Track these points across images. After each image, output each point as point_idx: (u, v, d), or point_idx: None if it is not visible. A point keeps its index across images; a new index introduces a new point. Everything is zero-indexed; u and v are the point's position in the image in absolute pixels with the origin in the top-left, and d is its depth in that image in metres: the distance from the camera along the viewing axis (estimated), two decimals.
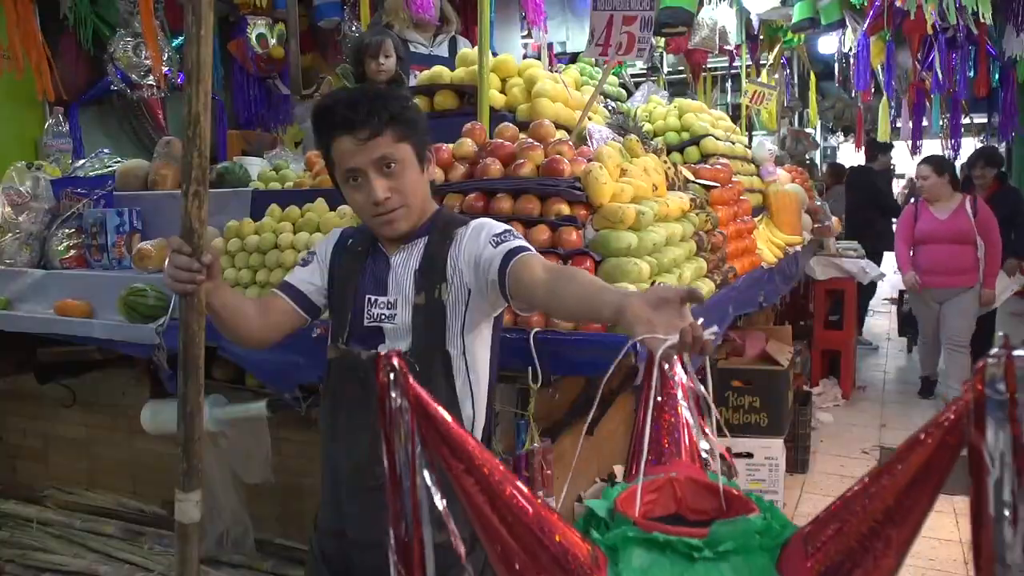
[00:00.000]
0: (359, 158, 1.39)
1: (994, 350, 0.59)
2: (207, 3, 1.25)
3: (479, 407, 1.48)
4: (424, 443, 0.70)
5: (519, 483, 0.74)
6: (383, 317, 1.45)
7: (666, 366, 0.98)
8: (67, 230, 2.85)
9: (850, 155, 9.81)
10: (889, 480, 0.67)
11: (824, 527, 0.72)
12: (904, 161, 7.23)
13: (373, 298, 1.47)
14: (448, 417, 0.71)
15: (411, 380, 0.69)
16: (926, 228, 4.70)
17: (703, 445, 0.98)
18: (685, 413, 0.98)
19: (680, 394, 0.98)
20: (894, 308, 6.75)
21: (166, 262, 1.33)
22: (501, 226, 1.47)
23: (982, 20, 4.50)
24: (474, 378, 1.46)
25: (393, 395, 0.69)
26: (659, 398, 0.99)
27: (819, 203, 5.04)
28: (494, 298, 1.43)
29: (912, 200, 5.00)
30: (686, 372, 0.98)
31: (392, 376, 0.69)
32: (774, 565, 0.76)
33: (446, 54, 3.57)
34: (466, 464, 0.72)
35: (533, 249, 1.42)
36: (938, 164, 4.74)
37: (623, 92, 3.80)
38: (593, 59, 3.53)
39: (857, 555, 0.68)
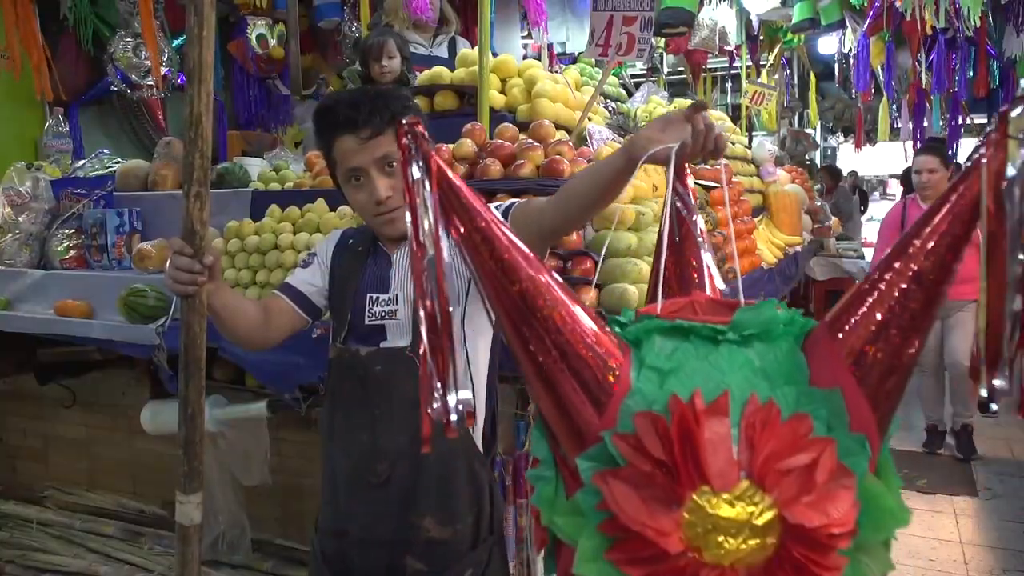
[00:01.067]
0: (361, 157, 1.39)
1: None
2: (209, 4, 1.24)
3: (478, 402, 1.46)
4: (443, 210, 0.70)
5: (542, 269, 0.73)
6: (385, 314, 1.45)
7: (683, 209, 0.98)
8: (67, 230, 2.85)
9: (850, 156, 9.81)
10: (915, 245, 0.68)
11: (851, 307, 0.72)
12: (900, 163, 7.23)
13: (375, 296, 1.47)
14: (466, 187, 0.71)
15: (429, 147, 0.69)
16: None
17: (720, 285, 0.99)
18: (706, 257, 0.97)
19: (700, 237, 0.98)
20: None
21: (167, 263, 1.32)
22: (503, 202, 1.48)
23: (972, 22, 4.48)
24: (474, 373, 1.45)
25: (413, 162, 0.68)
26: (678, 239, 0.99)
27: (819, 203, 5.04)
28: None
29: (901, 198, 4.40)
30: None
31: (411, 142, 0.68)
32: (799, 349, 0.76)
33: (446, 55, 3.57)
34: (482, 235, 0.71)
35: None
36: (943, 154, 4.16)
37: (623, 93, 3.80)
38: (593, 59, 3.53)
39: (887, 328, 0.69)
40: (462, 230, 0.71)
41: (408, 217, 0.68)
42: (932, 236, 0.67)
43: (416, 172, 0.68)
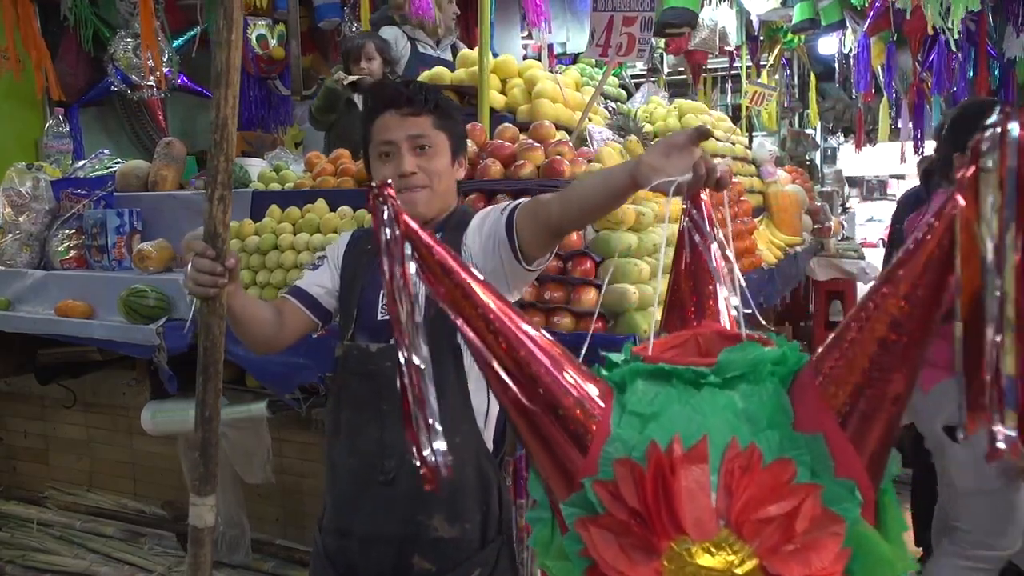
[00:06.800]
0: (396, 132, 1.44)
1: (992, 119, 0.54)
2: (239, 7, 1.25)
3: (493, 399, 1.45)
4: (420, 268, 0.70)
5: (520, 319, 0.73)
6: None
7: (697, 238, 0.97)
8: (67, 231, 2.85)
9: (850, 156, 9.81)
10: (890, 288, 0.64)
11: (832, 349, 0.69)
12: (899, 163, 7.20)
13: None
14: (439, 245, 0.71)
15: (401, 210, 0.69)
16: None
17: (734, 301, 0.97)
18: (720, 287, 0.97)
19: (714, 264, 0.96)
20: None
21: (188, 266, 1.32)
22: (507, 202, 1.49)
23: (955, 24, 4.43)
24: None
25: (386, 227, 0.69)
26: (692, 266, 0.98)
27: (819, 204, 5.04)
28: (509, 269, 1.40)
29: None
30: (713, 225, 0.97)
31: (384, 207, 0.68)
32: (785, 391, 0.74)
33: (450, 58, 3.57)
34: (462, 294, 0.71)
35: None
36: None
37: (623, 93, 3.80)
38: (593, 60, 3.53)
39: (867, 372, 0.66)
40: (440, 288, 0.71)
41: (385, 272, 0.69)
42: (907, 281, 0.63)
43: (389, 233, 0.69)
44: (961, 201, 0.58)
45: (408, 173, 1.43)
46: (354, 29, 4.73)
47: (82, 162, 3.43)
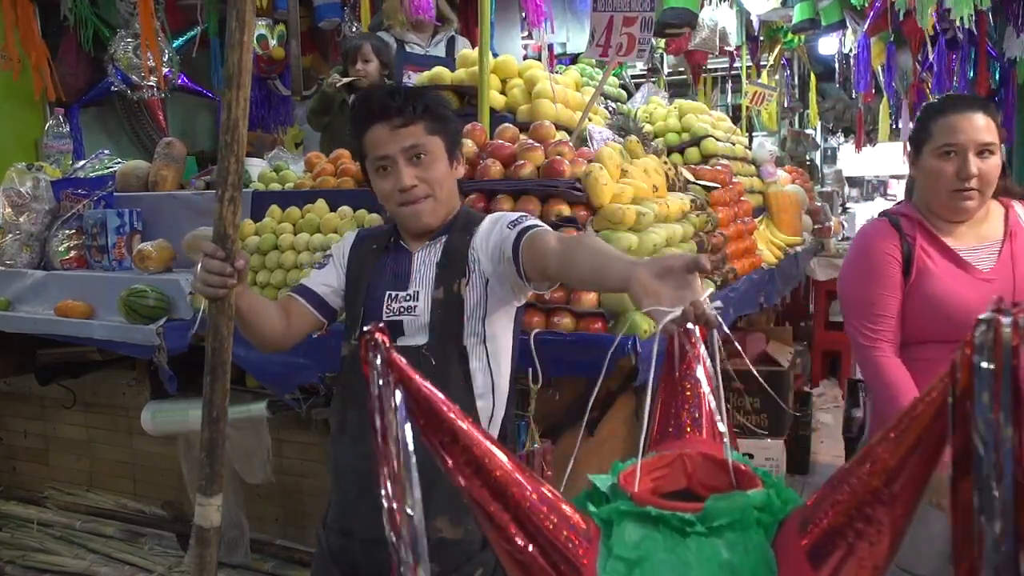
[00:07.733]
0: (390, 146, 1.43)
1: (984, 315, 0.51)
2: (251, 8, 1.25)
3: (499, 401, 1.48)
4: (411, 418, 0.70)
5: (509, 460, 0.73)
6: (403, 310, 1.47)
7: (687, 346, 0.96)
8: (67, 231, 2.85)
9: (850, 156, 9.80)
10: (878, 465, 0.64)
11: (818, 507, 0.70)
12: (898, 164, 7.20)
13: (394, 293, 1.49)
14: (433, 394, 0.71)
15: (395, 355, 0.68)
16: (952, 297, 1.72)
17: (721, 426, 0.97)
18: (706, 392, 0.96)
19: (701, 373, 0.96)
20: None
21: (198, 267, 1.33)
22: (517, 213, 1.50)
23: (963, 23, 4.43)
24: (495, 371, 1.48)
25: (378, 373, 0.68)
26: (678, 375, 0.97)
27: (819, 204, 5.04)
28: (513, 281, 1.43)
29: (889, 217, 1.85)
30: (704, 346, 0.96)
31: (375, 352, 0.68)
32: (770, 542, 0.74)
33: (443, 54, 3.57)
34: (450, 439, 0.72)
35: (547, 227, 1.44)
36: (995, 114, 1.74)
37: (623, 93, 3.80)
38: (593, 60, 3.53)
39: (850, 536, 0.66)
40: (433, 434, 0.72)
41: (376, 420, 0.69)
42: (896, 458, 0.62)
43: (381, 380, 0.68)
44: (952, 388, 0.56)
45: (408, 187, 1.43)
46: (354, 29, 4.73)
47: (82, 162, 3.42)
